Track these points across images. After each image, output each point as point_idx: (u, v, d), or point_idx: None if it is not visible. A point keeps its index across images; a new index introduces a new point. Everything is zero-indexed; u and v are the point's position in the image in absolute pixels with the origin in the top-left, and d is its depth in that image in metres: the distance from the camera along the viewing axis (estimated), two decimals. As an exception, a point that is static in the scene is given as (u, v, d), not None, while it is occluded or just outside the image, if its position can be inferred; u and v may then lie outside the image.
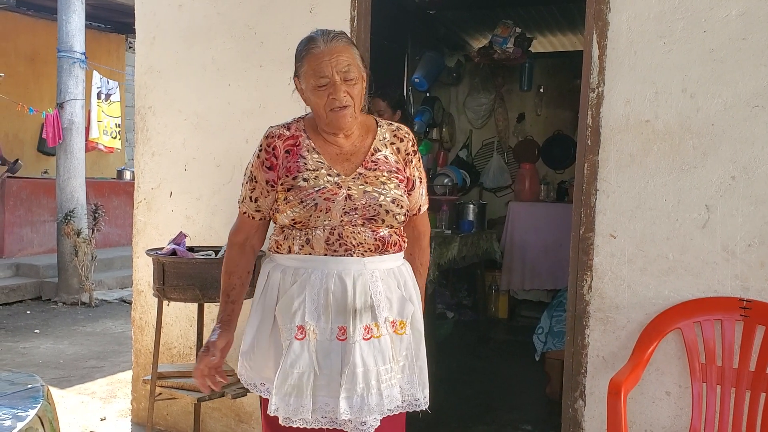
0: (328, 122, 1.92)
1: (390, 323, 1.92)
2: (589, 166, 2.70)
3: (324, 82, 1.88)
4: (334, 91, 1.88)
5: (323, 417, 1.86)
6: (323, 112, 1.91)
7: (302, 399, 1.85)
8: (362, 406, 1.84)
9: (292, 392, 1.85)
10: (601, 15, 2.66)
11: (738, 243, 2.49)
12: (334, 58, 1.88)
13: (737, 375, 2.45)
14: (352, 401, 1.84)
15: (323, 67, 1.88)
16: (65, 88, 7.48)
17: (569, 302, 2.79)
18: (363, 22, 3.17)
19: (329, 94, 1.88)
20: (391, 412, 1.91)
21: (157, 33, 3.65)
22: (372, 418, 1.85)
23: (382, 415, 1.88)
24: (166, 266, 2.99)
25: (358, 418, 1.85)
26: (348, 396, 1.83)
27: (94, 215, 7.35)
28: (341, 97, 1.88)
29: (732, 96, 2.49)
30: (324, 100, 1.89)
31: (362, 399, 1.84)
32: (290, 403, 1.85)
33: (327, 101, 1.89)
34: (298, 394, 1.85)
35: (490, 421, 3.96)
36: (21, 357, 5.35)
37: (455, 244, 4.94)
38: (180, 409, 3.62)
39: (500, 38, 5.94)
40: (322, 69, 1.88)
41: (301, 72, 1.94)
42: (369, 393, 1.84)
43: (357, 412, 1.84)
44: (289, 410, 1.85)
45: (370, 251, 1.91)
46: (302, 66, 1.93)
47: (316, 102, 1.92)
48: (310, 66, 1.90)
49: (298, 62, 1.95)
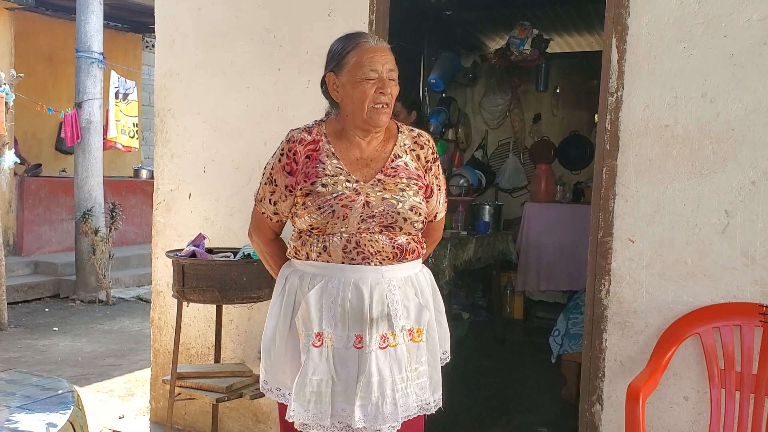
0: (367, 117, 1.92)
1: (407, 331, 1.93)
2: (608, 170, 2.69)
3: (374, 75, 1.90)
4: (382, 86, 1.90)
5: (339, 422, 1.87)
6: (365, 105, 1.90)
7: (321, 406, 1.87)
8: (377, 415, 1.85)
9: (311, 398, 1.86)
10: (620, 19, 2.65)
11: (758, 248, 2.48)
12: (385, 56, 1.93)
13: (756, 381, 2.44)
14: (366, 410, 1.85)
15: (375, 61, 1.90)
16: (83, 88, 7.56)
17: (587, 306, 2.79)
18: (381, 26, 3.18)
19: (378, 88, 1.90)
20: (406, 417, 1.92)
21: (177, 36, 3.68)
22: (387, 427, 1.86)
23: (396, 423, 1.89)
24: (186, 268, 3.02)
25: (372, 426, 1.86)
26: (363, 404, 1.85)
27: (112, 214, 7.43)
28: (388, 93, 1.91)
29: (752, 101, 2.48)
30: (370, 93, 1.89)
31: (377, 408, 1.85)
32: (309, 409, 1.86)
33: (374, 95, 1.89)
34: (318, 400, 1.87)
35: (506, 423, 3.96)
36: (40, 354, 5.41)
37: (471, 245, 4.94)
38: (198, 409, 3.66)
39: (517, 40, 5.93)
40: (374, 63, 1.90)
41: (345, 64, 1.93)
42: (384, 402, 1.85)
43: (371, 421, 1.85)
44: (308, 416, 1.86)
45: (388, 259, 1.92)
46: (348, 58, 1.92)
47: (360, 95, 1.91)
48: (360, 58, 1.91)
49: (343, 56, 1.94)
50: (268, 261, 2.17)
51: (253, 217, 2.14)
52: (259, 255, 2.20)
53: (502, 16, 6.28)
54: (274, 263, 2.14)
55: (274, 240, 2.14)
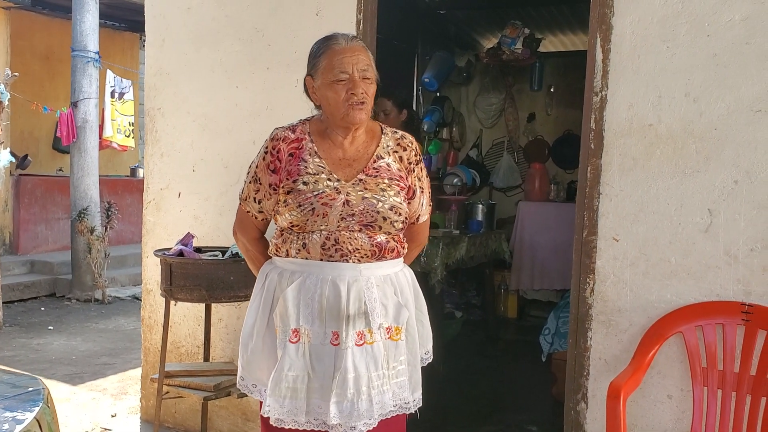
0: (344, 117, 1.94)
1: (385, 329, 1.94)
2: (592, 169, 2.70)
3: (344, 77, 1.92)
4: (353, 87, 1.92)
5: (315, 419, 1.89)
6: (340, 106, 1.93)
7: (297, 401, 1.88)
8: (352, 412, 1.86)
9: (287, 394, 1.88)
10: (604, 18, 2.66)
11: (740, 247, 2.49)
12: (355, 56, 1.94)
13: (738, 379, 2.45)
14: (342, 406, 1.86)
15: (345, 63, 1.92)
16: (79, 87, 7.57)
17: (572, 305, 2.80)
18: (369, 25, 3.19)
19: (348, 89, 1.92)
20: (383, 416, 1.93)
21: (167, 35, 3.69)
22: (362, 423, 1.87)
23: (372, 420, 1.90)
24: (173, 267, 3.04)
25: (347, 423, 1.87)
26: (338, 401, 1.86)
27: (108, 213, 7.44)
28: (360, 93, 1.92)
29: (735, 100, 2.48)
30: (342, 94, 1.92)
31: (352, 404, 1.86)
32: (285, 405, 1.87)
33: (346, 95, 1.91)
34: (293, 396, 1.88)
35: (497, 422, 3.97)
36: (35, 353, 5.42)
37: (464, 244, 4.95)
38: (188, 408, 3.67)
39: (509, 39, 5.94)
40: (343, 65, 1.92)
41: (318, 67, 1.96)
42: (359, 399, 1.87)
43: (346, 418, 1.86)
44: (283, 412, 1.87)
45: (366, 257, 1.93)
46: (320, 61, 1.95)
47: (333, 97, 1.93)
48: (330, 61, 1.93)
49: (315, 59, 1.98)
50: (252, 260, 2.19)
51: (237, 216, 2.17)
52: (243, 254, 2.22)
53: (496, 15, 6.29)
54: (257, 262, 2.16)
55: (259, 239, 2.16)
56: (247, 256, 2.20)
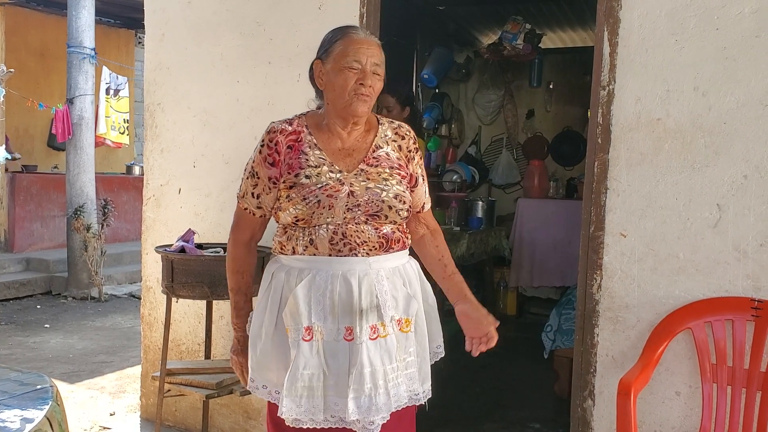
0: (346, 105, 1.92)
1: (396, 321, 1.92)
2: (600, 164, 2.68)
3: (357, 66, 1.90)
4: (363, 77, 1.90)
5: (332, 416, 1.86)
6: (346, 94, 1.91)
7: (314, 400, 1.85)
8: (370, 406, 1.84)
9: (303, 393, 1.84)
10: (612, 12, 2.63)
11: (750, 242, 2.47)
12: (371, 50, 1.93)
13: (748, 376, 2.43)
14: (360, 401, 1.84)
15: (360, 53, 1.91)
16: (75, 84, 7.51)
17: (578, 301, 2.78)
18: (372, 19, 3.16)
19: (359, 79, 1.90)
20: (396, 407, 1.91)
21: (167, 29, 3.65)
22: (380, 417, 1.86)
23: (389, 413, 1.88)
24: (175, 263, 3.00)
25: (366, 418, 1.85)
26: (356, 396, 1.83)
27: (104, 210, 7.39)
28: (368, 85, 1.91)
29: (744, 94, 2.46)
30: (351, 83, 1.90)
31: (370, 399, 1.84)
32: (302, 404, 1.84)
33: (354, 85, 1.90)
34: (310, 395, 1.85)
35: (499, 419, 3.95)
36: (31, 351, 5.38)
37: (464, 241, 4.93)
38: (189, 406, 3.63)
39: (510, 34, 5.91)
40: (358, 54, 1.91)
41: (331, 52, 1.94)
42: (377, 393, 1.84)
43: (365, 412, 1.84)
44: (300, 412, 1.84)
45: (374, 249, 1.91)
46: (335, 47, 1.93)
47: (341, 84, 1.91)
48: (346, 47, 1.92)
49: (331, 44, 1.96)
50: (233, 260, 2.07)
51: (235, 214, 2.11)
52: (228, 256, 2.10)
53: (494, 11, 6.26)
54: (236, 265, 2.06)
55: (248, 243, 2.08)
56: (229, 257, 2.09)
